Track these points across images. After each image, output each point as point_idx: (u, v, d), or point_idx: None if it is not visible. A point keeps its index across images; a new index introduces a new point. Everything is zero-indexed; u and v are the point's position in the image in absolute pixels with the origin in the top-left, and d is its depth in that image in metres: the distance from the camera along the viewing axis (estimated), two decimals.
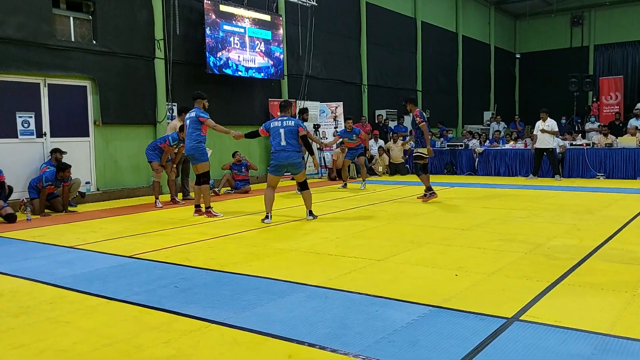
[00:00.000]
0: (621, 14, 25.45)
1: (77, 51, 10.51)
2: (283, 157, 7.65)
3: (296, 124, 7.72)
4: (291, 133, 7.66)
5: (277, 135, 7.64)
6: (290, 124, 7.69)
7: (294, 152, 7.68)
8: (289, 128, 7.67)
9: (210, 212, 8.45)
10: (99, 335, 3.50)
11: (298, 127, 7.69)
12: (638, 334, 3.30)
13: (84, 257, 5.84)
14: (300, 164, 7.86)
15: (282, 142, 7.61)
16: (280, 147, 7.62)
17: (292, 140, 7.67)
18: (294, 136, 7.68)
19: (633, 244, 5.86)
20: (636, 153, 13.32)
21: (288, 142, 7.63)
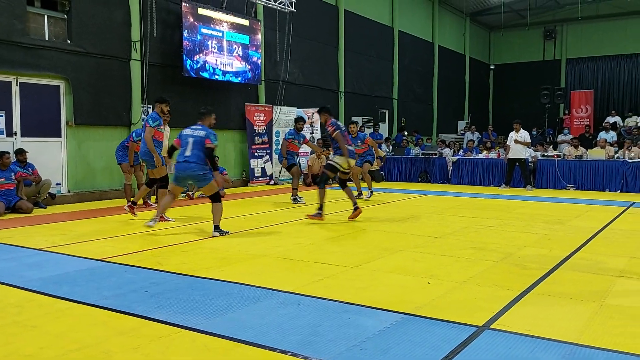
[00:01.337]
0: (592, 30, 26.07)
1: (50, 50, 10.34)
2: (182, 169, 7.11)
3: (206, 135, 7.11)
4: (198, 144, 7.08)
5: (185, 145, 7.16)
6: (199, 134, 7.13)
7: (196, 164, 7.03)
8: (197, 138, 7.10)
9: (149, 205, 8.73)
10: (67, 340, 3.43)
11: (206, 138, 7.08)
12: (604, 344, 3.36)
13: (52, 260, 5.72)
14: (204, 177, 7.12)
15: (187, 152, 7.10)
16: (183, 157, 7.09)
17: (198, 151, 7.06)
18: (200, 147, 7.07)
19: (601, 255, 5.98)
20: (605, 165, 13.61)
21: (193, 152, 7.06)
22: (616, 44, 25.59)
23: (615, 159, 13.80)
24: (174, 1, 12.49)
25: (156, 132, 8.36)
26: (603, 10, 25.26)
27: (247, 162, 14.73)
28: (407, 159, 16.59)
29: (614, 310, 4.03)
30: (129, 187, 9.89)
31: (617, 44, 25.56)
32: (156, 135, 8.38)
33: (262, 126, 14.94)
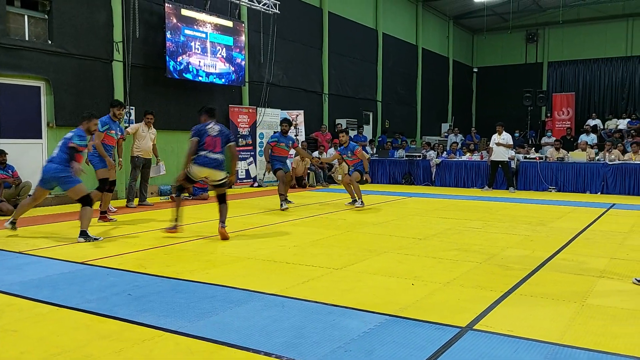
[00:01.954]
0: (573, 33, 26.41)
1: (31, 51, 10.21)
2: (45, 170, 6.87)
3: (73, 135, 6.89)
4: (63, 144, 6.86)
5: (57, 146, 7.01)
6: (67, 135, 6.95)
7: (57, 164, 6.79)
8: (65, 140, 6.92)
9: (106, 217, 8.48)
10: (48, 344, 3.39)
11: (69, 140, 6.85)
12: (586, 343, 3.40)
13: (33, 263, 5.64)
14: (65, 179, 6.80)
15: (53, 152, 6.95)
16: (49, 158, 6.94)
17: (62, 153, 6.83)
18: (64, 149, 6.83)
19: (582, 255, 6.05)
20: (586, 168, 13.79)
21: (57, 153, 6.87)
22: (597, 47, 25.96)
23: (596, 161, 13.99)
24: (156, 2, 12.41)
25: (106, 137, 8.34)
26: (584, 14, 25.61)
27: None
28: (391, 161, 16.66)
29: (595, 311, 4.08)
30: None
31: (598, 47, 25.93)
32: (106, 139, 8.35)
33: (246, 128, 14.90)
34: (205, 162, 7.01)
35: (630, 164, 13.40)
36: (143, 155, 10.46)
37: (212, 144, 7.04)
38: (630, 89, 25.42)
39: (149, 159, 10.67)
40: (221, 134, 7.15)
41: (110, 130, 8.47)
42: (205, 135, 7.03)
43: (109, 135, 8.43)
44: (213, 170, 7.05)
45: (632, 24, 25.13)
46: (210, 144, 7.04)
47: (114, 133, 8.56)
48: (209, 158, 7.01)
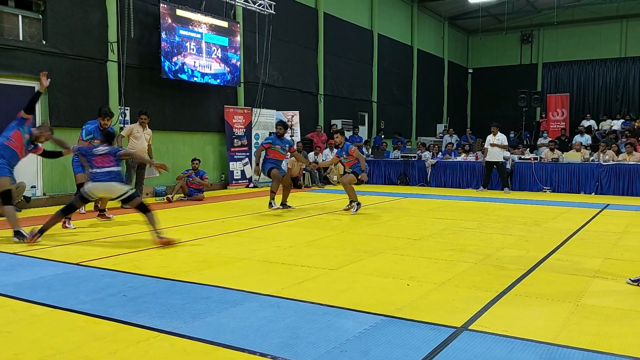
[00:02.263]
0: (568, 34, 26.52)
1: (25, 51, 10.17)
2: None
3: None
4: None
5: None
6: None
7: None
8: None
9: (104, 215, 8.56)
10: (43, 346, 3.37)
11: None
12: (581, 343, 3.42)
13: (27, 264, 5.62)
14: None
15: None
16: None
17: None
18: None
19: (577, 256, 6.07)
20: (580, 168, 13.84)
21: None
22: (591, 48, 26.08)
23: (590, 162, 14.04)
24: (151, 2, 12.39)
25: (90, 145, 8.15)
26: (578, 16, 25.72)
27: (226, 164, 14.66)
28: (387, 161, 16.67)
29: (589, 310, 4.09)
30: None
31: (592, 48, 26.05)
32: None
33: (242, 129, 14.89)
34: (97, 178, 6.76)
35: (624, 165, 13.46)
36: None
37: (100, 161, 6.82)
38: (625, 89, 25.55)
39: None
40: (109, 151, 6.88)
41: (95, 140, 8.34)
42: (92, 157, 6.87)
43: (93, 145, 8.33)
44: (107, 185, 6.74)
45: (626, 25, 25.26)
46: (99, 161, 6.82)
47: (97, 143, 8.20)
48: (100, 173, 6.77)
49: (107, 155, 6.87)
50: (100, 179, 6.79)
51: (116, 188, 6.82)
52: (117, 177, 6.86)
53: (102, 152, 6.88)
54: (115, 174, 6.84)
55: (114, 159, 6.89)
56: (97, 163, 6.84)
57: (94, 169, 6.82)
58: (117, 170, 6.89)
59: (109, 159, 6.86)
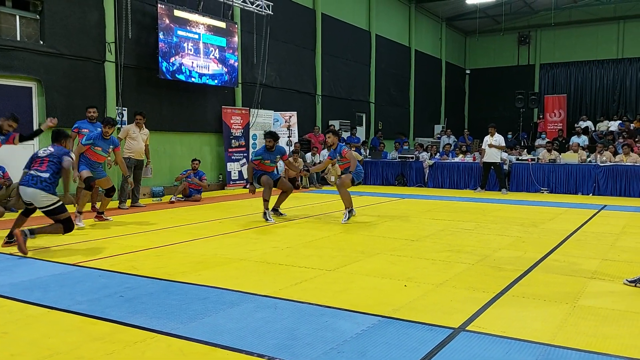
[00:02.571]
0: (565, 35, 26.56)
1: (22, 51, 10.15)
2: None
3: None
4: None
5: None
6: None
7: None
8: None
9: (102, 217, 8.52)
10: (39, 347, 3.36)
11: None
12: (577, 344, 3.42)
13: (24, 265, 5.61)
14: None
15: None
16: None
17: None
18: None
19: (574, 257, 6.08)
20: (578, 169, 13.86)
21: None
22: (588, 49, 26.12)
23: (588, 163, 14.07)
24: (149, 3, 12.37)
25: (91, 152, 8.27)
26: (576, 17, 25.76)
27: (223, 165, 14.65)
28: (384, 162, 16.67)
29: (586, 311, 4.10)
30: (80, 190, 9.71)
31: (589, 49, 26.09)
32: (91, 154, 8.29)
33: (239, 129, 14.88)
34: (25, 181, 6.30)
35: (621, 166, 13.48)
36: (135, 157, 10.41)
37: (38, 163, 6.40)
38: (622, 91, 25.60)
39: (141, 160, 10.63)
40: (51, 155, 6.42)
41: (96, 147, 8.31)
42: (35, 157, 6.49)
43: (94, 152, 8.32)
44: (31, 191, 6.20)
45: (623, 26, 25.31)
46: (37, 163, 6.40)
47: (100, 150, 8.35)
48: (29, 175, 6.28)
49: (46, 159, 6.35)
50: (27, 182, 6.24)
51: (39, 197, 6.20)
52: (43, 185, 6.20)
53: (43, 155, 6.41)
54: (43, 180, 6.21)
55: (51, 164, 6.32)
56: (35, 165, 6.37)
57: (30, 171, 6.33)
58: (46, 176, 6.24)
59: (46, 163, 6.31)
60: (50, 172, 6.31)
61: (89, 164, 8.36)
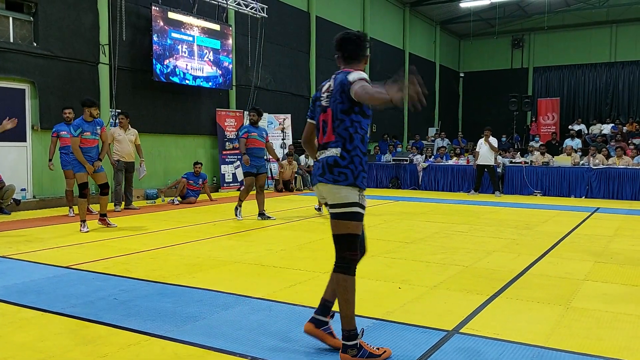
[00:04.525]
0: (558, 39, 26.71)
1: (16, 53, 10.12)
2: None
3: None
4: None
5: None
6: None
7: None
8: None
9: (105, 220, 8.29)
10: (32, 350, 3.35)
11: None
12: (571, 346, 3.43)
13: (17, 268, 5.58)
14: None
15: None
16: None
17: None
18: None
19: (567, 259, 6.11)
20: (571, 172, 13.92)
21: None
22: (581, 53, 26.27)
23: (581, 166, 14.14)
24: (143, 5, 12.36)
25: (83, 140, 7.94)
26: (569, 21, 25.91)
27: (217, 167, 14.63)
28: (378, 165, 16.70)
29: (579, 313, 4.12)
30: (70, 193, 9.65)
31: (582, 53, 26.25)
32: (84, 142, 7.95)
33: (233, 132, 14.87)
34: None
35: (614, 169, 13.56)
36: (124, 159, 10.31)
37: None
38: (614, 94, 25.76)
39: (131, 162, 10.51)
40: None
41: (85, 133, 8.00)
42: None
43: (83, 138, 7.96)
44: None
45: (616, 30, 25.48)
46: None
47: (89, 134, 8.03)
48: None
49: None
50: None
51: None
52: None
53: None
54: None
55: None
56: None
57: None
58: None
59: None
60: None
61: (84, 151, 7.93)
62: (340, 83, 3.19)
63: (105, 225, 8.20)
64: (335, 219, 3.23)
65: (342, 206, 3.18)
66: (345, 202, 3.17)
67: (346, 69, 3.30)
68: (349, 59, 3.40)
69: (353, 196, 3.18)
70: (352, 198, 3.18)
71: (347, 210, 3.18)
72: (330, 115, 3.26)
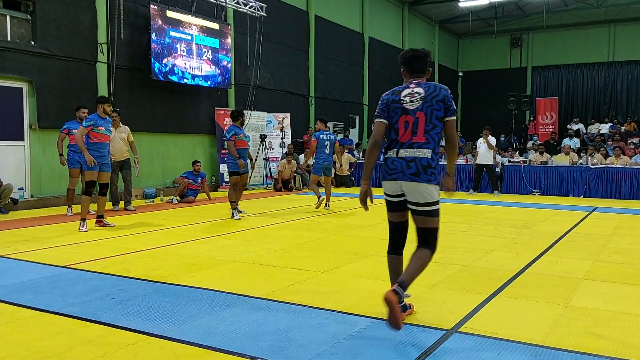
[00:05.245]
0: (557, 38, 26.72)
1: (13, 52, 10.09)
2: None
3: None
4: None
5: None
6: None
7: None
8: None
9: (102, 221, 8.22)
10: (30, 350, 3.34)
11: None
12: (569, 345, 3.43)
13: (15, 267, 5.57)
14: None
15: None
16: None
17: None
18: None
19: (566, 258, 6.11)
20: (569, 171, 13.93)
21: None
22: (580, 52, 26.29)
23: (579, 165, 14.15)
24: (142, 3, 12.34)
25: (94, 134, 7.88)
26: (567, 20, 25.92)
27: (216, 166, 14.62)
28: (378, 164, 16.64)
29: (578, 312, 4.12)
30: (72, 192, 9.61)
31: (581, 52, 26.27)
32: (95, 136, 7.90)
33: None
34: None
35: (612, 168, 13.57)
36: (116, 158, 10.03)
37: None
38: (613, 93, 25.78)
39: (124, 160, 10.28)
40: None
41: (98, 127, 7.90)
42: None
43: (97, 132, 7.89)
44: None
45: (614, 29, 25.50)
46: None
47: (102, 130, 7.95)
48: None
49: None
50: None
51: None
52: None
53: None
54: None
55: None
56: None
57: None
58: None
59: None
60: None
61: (97, 147, 7.91)
62: (445, 97, 3.76)
63: (102, 225, 8.17)
64: (424, 216, 3.84)
65: (433, 204, 3.79)
66: (436, 200, 3.78)
67: (421, 81, 3.96)
68: (416, 72, 4.03)
69: (438, 194, 3.81)
70: (438, 196, 3.81)
71: (437, 207, 3.81)
72: (423, 118, 3.75)
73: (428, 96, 3.77)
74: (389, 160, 3.93)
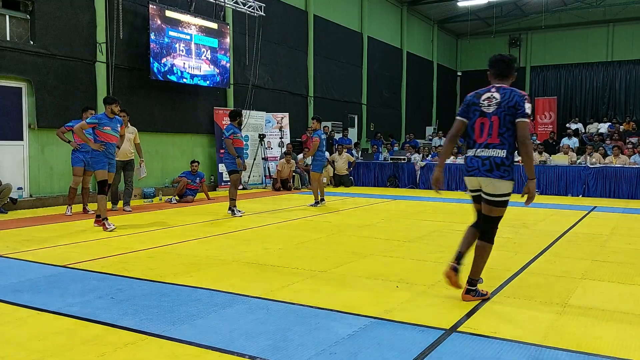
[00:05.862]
0: (555, 38, 26.75)
1: (12, 51, 10.08)
2: None
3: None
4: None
5: None
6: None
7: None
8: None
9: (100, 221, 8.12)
10: (29, 349, 3.34)
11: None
12: (568, 344, 3.44)
13: (14, 267, 5.57)
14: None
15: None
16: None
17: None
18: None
19: (565, 257, 6.12)
20: (568, 171, 13.94)
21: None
22: (578, 52, 26.33)
23: (578, 165, 14.16)
24: (141, 3, 12.33)
25: (101, 134, 7.88)
26: (566, 20, 25.95)
27: (215, 166, 14.61)
28: (376, 164, 16.69)
29: (577, 312, 4.12)
30: (74, 191, 9.60)
31: (579, 52, 26.30)
32: (102, 136, 7.89)
33: None
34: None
35: (611, 167, 13.58)
36: (120, 158, 10.05)
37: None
38: (611, 93, 25.82)
39: (128, 160, 10.27)
40: None
41: (105, 127, 7.89)
42: None
43: (103, 132, 7.89)
44: None
45: (613, 29, 25.53)
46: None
47: (109, 130, 7.95)
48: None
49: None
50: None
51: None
52: None
53: None
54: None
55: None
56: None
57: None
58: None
59: None
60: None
61: (105, 146, 7.90)
62: (517, 103, 4.22)
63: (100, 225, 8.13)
64: (492, 205, 4.44)
65: (502, 196, 4.37)
66: (506, 192, 4.36)
67: (504, 86, 4.42)
68: (501, 76, 4.50)
69: (509, 188, 4.35)
70: (509, 190, 4.35)
71: (504, 199, 4.38)
72: (497, 122, 4.26)
73: (502, 102, 4.24)
74: (468, 158, 4.47)
